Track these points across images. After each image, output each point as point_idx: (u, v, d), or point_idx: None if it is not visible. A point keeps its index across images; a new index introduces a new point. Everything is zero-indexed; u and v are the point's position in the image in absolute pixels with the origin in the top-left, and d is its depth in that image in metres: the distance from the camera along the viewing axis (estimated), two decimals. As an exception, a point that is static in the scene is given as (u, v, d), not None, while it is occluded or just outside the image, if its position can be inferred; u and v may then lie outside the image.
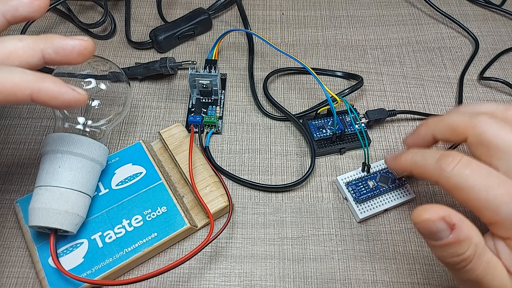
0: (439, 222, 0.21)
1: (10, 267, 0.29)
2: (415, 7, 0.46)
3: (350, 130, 0.35)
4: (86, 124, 0.30)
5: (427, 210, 0.22)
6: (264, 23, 0.44)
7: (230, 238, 0.31)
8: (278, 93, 0.39)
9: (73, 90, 0.22)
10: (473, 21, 0.45)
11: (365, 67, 0.41)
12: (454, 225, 0.21)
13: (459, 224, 0.21)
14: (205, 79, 0.35)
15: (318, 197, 0.33)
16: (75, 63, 0.24)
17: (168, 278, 0.30)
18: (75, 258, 0.28)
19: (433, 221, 0.21)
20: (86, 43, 0.23)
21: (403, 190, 0.33)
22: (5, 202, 0.32)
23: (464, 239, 0.21)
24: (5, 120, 0.36)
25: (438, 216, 0.21)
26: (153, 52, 0.41)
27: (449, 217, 0.21)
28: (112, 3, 0.45)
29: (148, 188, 0.31)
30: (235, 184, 0.34)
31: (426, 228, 0.22)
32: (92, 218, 0.29)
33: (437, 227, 0.21)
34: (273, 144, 0.36)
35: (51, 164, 0.27)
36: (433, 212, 0.21)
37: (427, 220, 0.21)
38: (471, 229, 0.22)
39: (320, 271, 0.30)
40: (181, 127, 0.34)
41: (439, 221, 0.21)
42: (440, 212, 0.21)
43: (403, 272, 0.30)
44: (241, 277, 0.30)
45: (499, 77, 0.40)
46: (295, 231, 0.32)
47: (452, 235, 0.21)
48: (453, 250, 0.22)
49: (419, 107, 0.39)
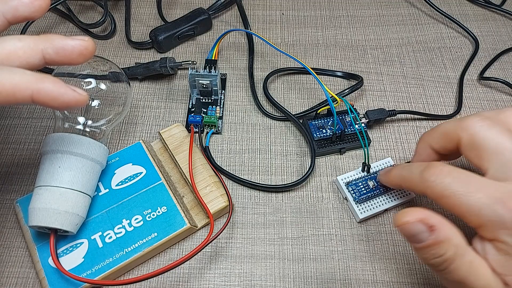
0: (417, 224, 0.23)
1: (10, 267, 0.29)
2: (415, 7, 0.46)
3: (350, 130, 0.35)
4: (86, 124, 0.30)
5: (406, 213, 0.23)
6: (264, 23, 0.44)
7: (230, 238, 0.31)
8: (278, 93, 0.39)
9: (73, 91, 0.22)
10: (473, 21, 0.45)
11: (365, 67, 0.41)
12: (433, 226, 0.22)
13: (438, 226, 0.22)
14: (205, 79, 0.35)
15: (318, 197, 0.33)
16: (76, 63, 0.24)
17: (168, 278, 0.30)
18: (75, 258, 0.28)
19: (412, 223, 0.23)
20: (86, 43, 0.23)
21: (403, 190, 0.33)
22: (5, 202, 0.32)
23: (443, 240, 0.22)
24: (5, 120, 0.36)
25: (416, 218, 0.23)
26: (153, 52, 0.41)
27: (427, 219, 0.22)
28: (112, 3, 0.45)
29: (148, 188, 0.31)
30: (235, 184, 0.34)
31: (406, 231, 0.23)
32: (92, 218, 0.29)
33: (417, 229, 0.23)
34: (273, 144, 0.36)
35: (51, 164, 0.27)
36: (412, 215, 0.23)
37: (406, 223, 0.23)
38: (451, 230, 0.23)
39: (320, 271, 0.30)
40: (181, 127, 0.34)
41: (417, 223, 0.23)
42: (419, 214, 0.23)
43: (403, 272, 0.30)
44: (241, 277, 0.30)
45: (499, 77, 0.40)
46: (295, 231, 0.32)
47: (432, 237, 0.22)
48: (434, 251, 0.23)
49: (419, 107, 0.39)
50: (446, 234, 0.22)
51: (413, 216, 0.23)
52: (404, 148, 0.36)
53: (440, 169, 0.24)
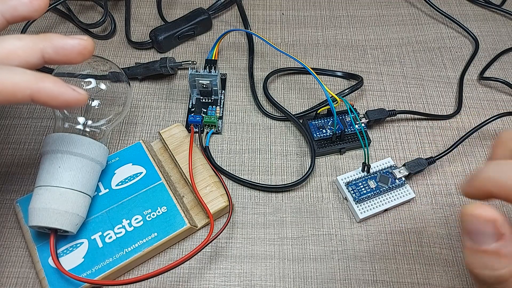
0: (488, 223, 0.19)
1: (10, 267, 0.29)
2: (415, 7, 0.46)
3: (350, 130, 0.35)
4: (86, 124, 0.30)
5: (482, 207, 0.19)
6: (264, 23, 0.44)
7: (230, 238, 0.31)
8: (278, 93, 0.39)
9: (73, 90, 0.22)
10: (473, 21, 0.45)
11: (365, 67, 0.41)
12: (504, 235, 0.19)
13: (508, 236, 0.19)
14: (205, 79, 0.35)
15: (318, 197, 0.33)
16: (75, 62, 0.23)
17: (168, 278, 0.30)
18: (75, 258, 0.28)
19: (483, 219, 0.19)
20: (85, 43, 0.23)
21: (403, 190, 0.33)
22: (5, 202, 0.32)
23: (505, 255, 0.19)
24: (5, 120, 0.36)
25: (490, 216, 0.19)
26: (153, 52, 0.41)
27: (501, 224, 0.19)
28: (112, 3, 0.45)
29: (148, 188, 0.31)
30: (235, 184, 0.34)
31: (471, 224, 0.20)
32: (92, 218, 0.29)
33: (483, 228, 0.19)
34: (273, 144, 0.36)
35: (51, 164, 0.27)
36: (487, 211, 0.19)
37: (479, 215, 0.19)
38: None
39: (320, 271, 0.30)
40: (181, 127, 0.34)
41: (488, 222, 0.19)
42: (495, 215, 0.19)
43: (403, 272, 0.30)
44: (241, 277, 0.30)
45: (499, 77, 0.40)
46: (295, 231, 0.32)
47: (496, 244, 0.19)
48: (489, 261, 0.20)
49: (419, 107, 0.39)
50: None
51: (488, 212, 0.19)
52: (404, 148, 0.36)
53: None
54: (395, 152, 0.36)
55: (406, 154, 0.36)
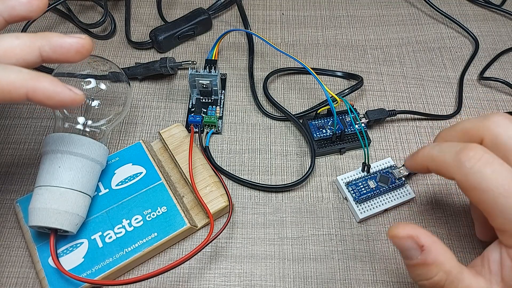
0: (406, 240, 0.22)
1: (10, 267, 0.29)
2: (415, 7, 0.46)
3: (350, 130, 0.35)
4: (86, 124, 0.30)
5: (399, 226, 0.22)
6: (264, 23, 0.44)
7: (230, 238, 0.31)
8: (278, 93, 0.39)
9: (70, 90, 0.22)
10: (473, 21, 0.45)
11: (365, 67, 0.41)
12: (423, 246, 0.21)
13: (428, 247, 0.21)
14: (205, 79, 0.35)
15: (318, 197, 0.33)
16: (73, 61, 0.23)
17: (168, 278, 0.30)
18: (75, 258, 0.28)
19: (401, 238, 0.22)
20: (83, 41, 0.23)
21: (403, 190, 0.33)
22: (5, 202, 0.32)
23: (431, 263, 0.21)
24: (5, 120, 0.36)
25: (406, 234, 0.22)
26: (153, 52, 0.41)
27: (417, 238, 0.22)
28: (112, 3, 0.45)
29: (148, 188, 0.31)
30: (235, 184, 0.34)
31: (397, 244, 0.22)
32: (92, 218, 0.29)
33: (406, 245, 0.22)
34: (273, 144, 0.36)
35: (51, 164, 0.27)
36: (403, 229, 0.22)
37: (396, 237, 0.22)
38: (443, 254, 0.22)
39: (320, 271, 0.30)
40: (181, 127, 0.34)
41: (406, 239, 0.22)
42: (409, 231, 0.22)
43: (403, 272, 0.30)
44: (241, 277, 0.30)
45: (499, 77, 0.40)
46: (295, 231, 0.32)
47: (420, 256, 0.22)
48: (422, 272, 0.22)
49: (419, 107, 0.39)
50: (436, 257, 0.21)
51: (404, 231, 0.22)
52: (404, 148, 0.36)
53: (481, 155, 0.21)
54: (395, 152, 0.36)
55: (406, 154, 0.36)
